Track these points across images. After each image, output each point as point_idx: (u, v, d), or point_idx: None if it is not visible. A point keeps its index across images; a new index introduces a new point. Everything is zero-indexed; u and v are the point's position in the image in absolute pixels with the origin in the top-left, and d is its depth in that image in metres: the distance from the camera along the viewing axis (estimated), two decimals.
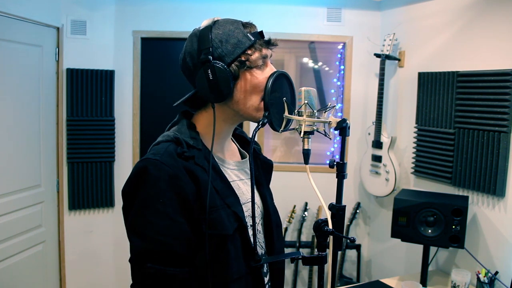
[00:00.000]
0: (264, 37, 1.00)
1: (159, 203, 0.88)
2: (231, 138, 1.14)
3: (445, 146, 2.34)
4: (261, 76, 0.99)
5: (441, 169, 2.37)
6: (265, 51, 1.00)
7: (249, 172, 1.11)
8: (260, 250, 1.07)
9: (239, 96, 0.99)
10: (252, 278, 1.01)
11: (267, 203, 1.13)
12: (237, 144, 1.19)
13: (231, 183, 1.02)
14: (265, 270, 1.08)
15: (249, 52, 0.97)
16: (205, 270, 0.92)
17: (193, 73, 0.98)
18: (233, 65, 0.96)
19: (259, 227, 1.09)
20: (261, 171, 1.18)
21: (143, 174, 0.90)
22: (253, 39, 0.98)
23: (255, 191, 1.11)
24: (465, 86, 2.24)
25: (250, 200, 0.96)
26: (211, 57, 0.94)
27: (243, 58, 0.97)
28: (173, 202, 0.89)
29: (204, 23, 1.00)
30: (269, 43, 1.01)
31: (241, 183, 1.06)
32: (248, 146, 1.20)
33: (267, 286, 1.08)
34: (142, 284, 0.90)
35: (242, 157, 1.16)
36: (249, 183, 1.09)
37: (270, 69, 1.02)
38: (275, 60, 3.27)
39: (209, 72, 0.93)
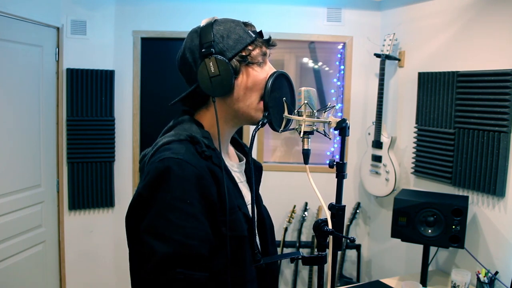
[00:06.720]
0: (263, 37, 1.02)
1: (186, 204, 0.84)
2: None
3: (445, 146, 2.34)
4: (261, 73, 1.00)
5: (441, 169, 2.37)
6: (264, 48, 1.01)
7: (246, 174, 1.11)
8: None
9: (239, 93, 0.98)
10: (262, 279, 1.02)
11: (261, 206, 1.13)
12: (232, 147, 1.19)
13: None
14: None
15: (250, 48, 0.98)
16: (223, 273, 0.90)
17: (193, 68, 0.98)
18: (234, 59, 0.96)
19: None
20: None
21: (166, 175, 0.85)
22: (254, 35, 0.99)
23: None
24: (465, 86, 2.23)
25: (250, 202, 0.96)
26: (213, 50, 0.94)
27: (244, 53, 0.97)
28: (199, 203, 0.86)
29: (204, 21, 1.00)
30: (269, 42, 1.02)
31: (242, 185, 1.06)
32: (241, 149, 1.19)
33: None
34: None
35: (239, 159, 1.16)
36: (247, 186, 1.09)
37: (269, 67, 1.02)
38: (275, 60, 3.26)
39: (211, 65, 0.93)
